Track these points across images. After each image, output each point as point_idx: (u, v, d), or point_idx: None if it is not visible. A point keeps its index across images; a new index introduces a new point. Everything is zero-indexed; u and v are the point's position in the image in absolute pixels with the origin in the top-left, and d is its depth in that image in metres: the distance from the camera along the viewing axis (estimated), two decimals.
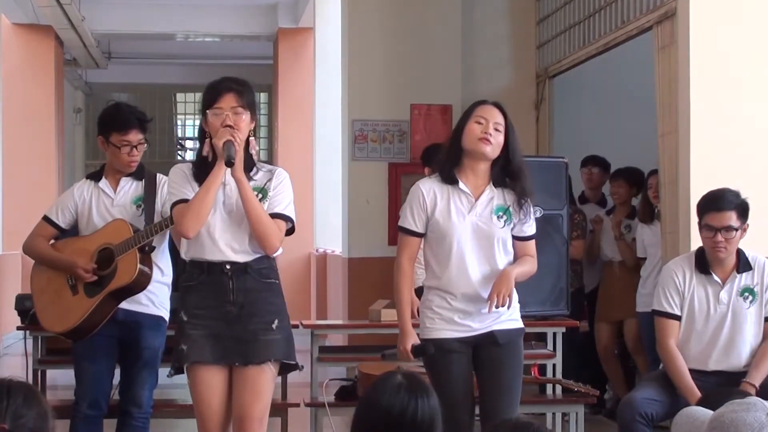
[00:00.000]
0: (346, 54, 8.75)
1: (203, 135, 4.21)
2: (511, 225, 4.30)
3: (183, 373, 4.21)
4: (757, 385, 4.89)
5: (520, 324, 4.38)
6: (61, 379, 7.68)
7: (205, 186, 4.10)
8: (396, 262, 4.40)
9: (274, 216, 4.16)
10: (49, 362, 5.88)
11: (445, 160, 4.34)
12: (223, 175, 4.10)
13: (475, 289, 4.25)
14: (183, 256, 4.26)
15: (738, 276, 5.04)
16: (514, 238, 4.35)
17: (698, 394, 4.87)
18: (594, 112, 9.06)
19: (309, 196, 12.37)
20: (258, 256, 4.17)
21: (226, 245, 4.14)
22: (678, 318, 5.06)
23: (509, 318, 4.31)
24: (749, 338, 5.03)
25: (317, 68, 12.13)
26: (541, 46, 8.74)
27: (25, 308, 5.73)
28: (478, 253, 4.25)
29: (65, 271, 4.93)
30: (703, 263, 5.06)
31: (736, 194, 5.03)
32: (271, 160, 16.30)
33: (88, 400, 4.91)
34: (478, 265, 4.25)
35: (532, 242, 4.39)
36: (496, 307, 4.17)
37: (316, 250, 12.17)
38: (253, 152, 4.21)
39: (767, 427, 2.45)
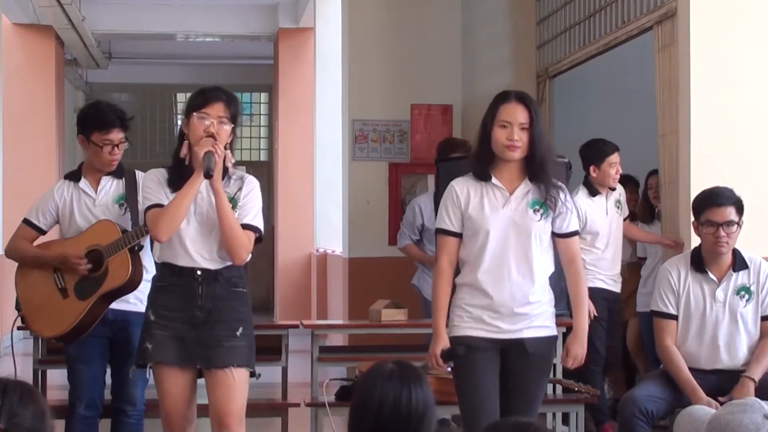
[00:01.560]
0: (346, 54, 8.76)
1: (182, 137, 4.28)
2: (549, 219, 4.20)
3: (146, 369, 4.32)
4: (757, 379, 4.90)
5: (551, 331, 4.28)
6: (60, 379, 7.68)
7: (182, 193, 4.16)
8: (436, 266, 4.34)
9: (244, 227, 4.23)
10: (49, 362, 5.87)
11: (477, 159, 4.26)
12: (200, 184, 4.16)
13: (509, 285, 4.15)
14: (155, 258, 4.37)
15: (734, 274, 5.05)
16: (555, 234, 4.25)
17: (700, 390, 4.89)
18: (594, 112, 9.06)
19: (309, 196, 12.38)
20: (228, 264, 4.25)
21: (196, 252, 4.23)
22: (675, 317, 5.09)
23: (541, 324, 4.23)
24: (746, 336, 5.04)
25: (317, 68, 12.13)
26: (541, 46, 8.74)
27: None
28: (515, 247, 4.16)
29: (57, 266, 4.91)
30: (698, 262, 5.07)
31: (732, 191, 5.06)
32: (271, 160, 16.32)
33: (85, 402, 4.92)
34: (514, 260, 4.16)
35: (575, 239, 4.29)
36: (570, 367, 4.27)
37: (317, 250, 12.17)
38: (229, 165, 4.27)
39: (764, 429, 2.44)
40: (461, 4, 8.58)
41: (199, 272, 4.21)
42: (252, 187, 4.30)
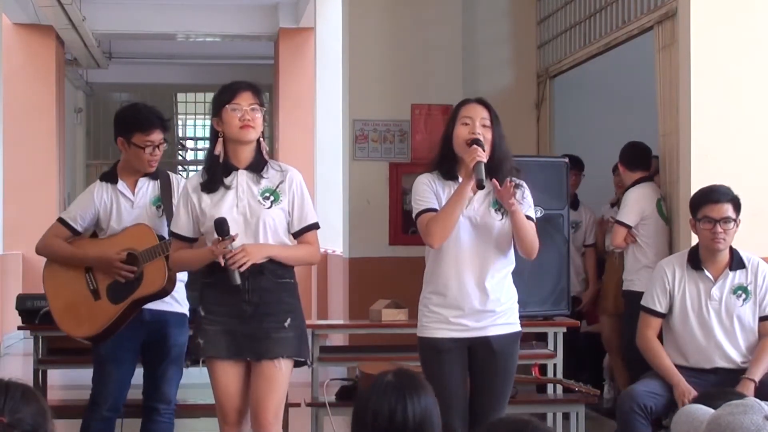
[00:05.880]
0: (347, 54, 8.75)
1: (215, 135, 4.29)
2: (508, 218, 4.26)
3: (199, 365, 4.34)
4: (757, 380, 4.91)
5: (516, 327, 4.35)
6: (61, 379, 7.69)
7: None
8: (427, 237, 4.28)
9: (310, 228, 4.33)
10: (49, 362, 5.87)
11: (441, 160, 4.32)
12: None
13: (473, 284, 4.22)
14: None
15: (731, 273, 5.06)
16: None
17: (680, 376, 4.96)
18: (595, 112, 9.06)
19: (309, 195, 12.35)
20: None
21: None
22: (661, 316, 5.13)
23: (506, 321, 4.28)
24: (744, 336, 5.05)
25: (318, 68, 12.14)
26: (541, 46, 8.74)
27: (26, 308, 5.71)
28: (477, 248, 4.23)
29: (95, 267, 4.90)
30: (695, 260, 5.09)
31: (728, 188, 5.10)
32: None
33: (109, 403, 4.90)
34: (477, 259, 4.23)
35: (532, 224, 4.29)
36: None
37: None
38: (264, 152, 4.31)
39: (764, 430, 2.44)
40: (461, 4, 8.58)
41: None
42: (301, 186, 4.35)
